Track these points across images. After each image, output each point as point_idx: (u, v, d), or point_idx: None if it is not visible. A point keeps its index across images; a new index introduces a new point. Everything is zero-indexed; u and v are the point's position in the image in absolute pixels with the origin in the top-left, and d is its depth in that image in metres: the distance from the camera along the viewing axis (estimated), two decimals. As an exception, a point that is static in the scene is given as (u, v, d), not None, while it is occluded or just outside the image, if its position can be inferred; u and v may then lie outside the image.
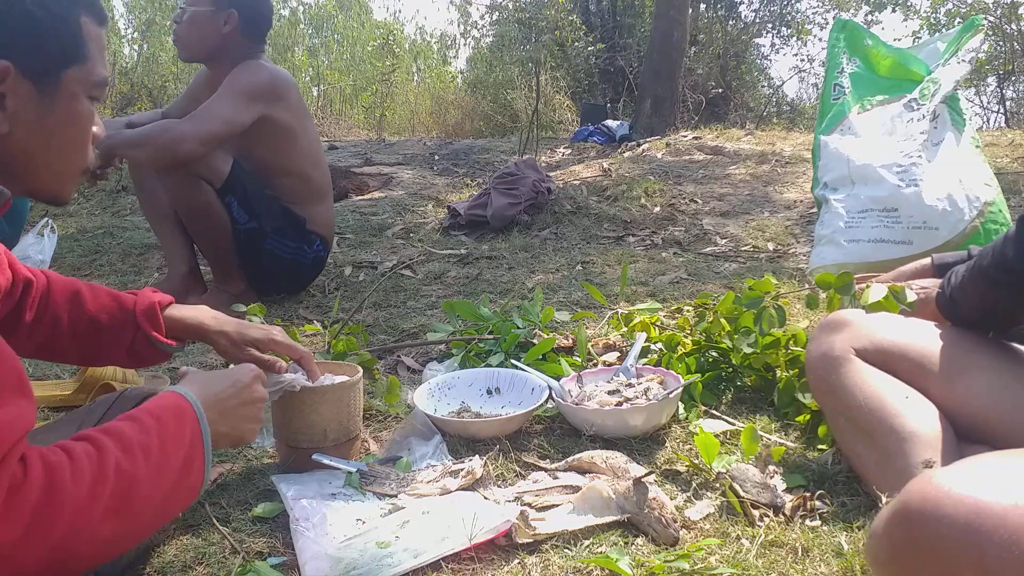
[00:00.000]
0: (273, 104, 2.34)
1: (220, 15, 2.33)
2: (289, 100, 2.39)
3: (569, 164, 5.22)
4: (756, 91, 10.61)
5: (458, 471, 1.30)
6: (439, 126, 9.04)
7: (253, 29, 2.40)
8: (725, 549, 1.09)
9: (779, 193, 4.16)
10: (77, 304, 1.18)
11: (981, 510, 0.68)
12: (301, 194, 2.48)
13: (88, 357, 1.25)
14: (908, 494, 0.74)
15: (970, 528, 0.68)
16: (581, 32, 9.07)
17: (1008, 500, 0.68)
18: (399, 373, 1.89)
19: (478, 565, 1.08)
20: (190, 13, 2.35)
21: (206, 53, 2.40)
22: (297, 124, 2.43)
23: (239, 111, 2.25)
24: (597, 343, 1.90)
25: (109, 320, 1.19)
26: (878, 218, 2.29)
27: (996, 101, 9.32)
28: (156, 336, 1.21)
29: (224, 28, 2.34)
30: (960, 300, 1.20)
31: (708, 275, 2.79)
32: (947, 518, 0.69)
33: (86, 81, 0.94)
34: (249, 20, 2.37)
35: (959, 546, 0.68)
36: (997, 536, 0.66)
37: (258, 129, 2.32)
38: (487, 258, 3.09)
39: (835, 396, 1.26)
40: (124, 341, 1.20)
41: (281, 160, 2.42)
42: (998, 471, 0.74)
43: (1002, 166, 4.20)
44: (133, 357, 1.23)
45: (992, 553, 0.66)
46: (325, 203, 2.58)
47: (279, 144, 2.40)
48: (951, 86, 2.42)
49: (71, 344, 1.19)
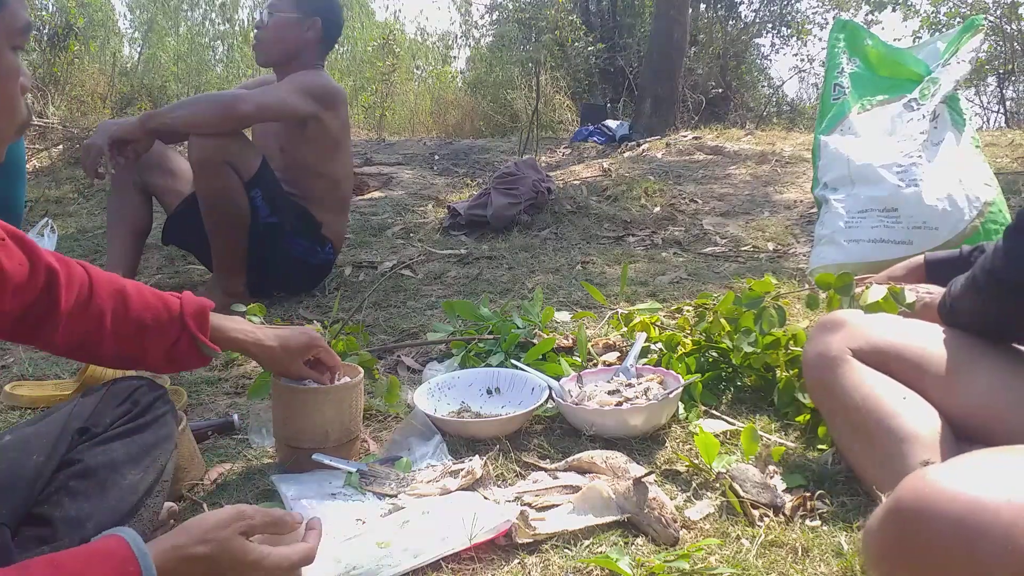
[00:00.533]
0: (327, 109, 2.44)
1: (305, 22, 2.45)
2: (340, 111, 2.51)
3: (569, 164, 5.22)
4: (756, 91, 10.61)
5: (458, 471, 1.30)
6: (439, 126, 9.04)
7: (330, 37, 2.54)
8: (725, 549, 1.09)
9: (779, 193, 4.16)
10: (123, 301, 1.11)
11: (974, 507, 0.68)
12: (327, 200, 2.56)
13: (124, 359, 1.17)
14: (902, 491, 0.74)
15: (963, 525, 0.68)
16: (581, 32, 9.08)
17: (1001, 497, 0.68)
18: (399, 373, 1.89)
19: (478, 565, 1.08)
20: (276, 18, 2.46)
21: (285, 58, 2.50)
22: (342, 135, 2.56)
23: (297, 99, 2.35)
24: (597, 343, 1.90)
25: (154, 320, 1.13)
26: (878, 218, 2.30)
27: (996, 101, 9.33)
28: (202, 339, 1.15)
29: (307, 34, 2.46)
30: (960, 310, 1.20)
31: (708, 275, 2.79)
32: (940, 515, 0.69)
33: (8, 30, 0.86)
34: (329, 28, 2.51)
35: (952, 543, 0.68)
36: (990, 533, 0.66)
37: (309, 128, 2.42)
38: (487, 258, 3.09)
39: (832, 397, 1.26)
40: (166, 343, 1.14)
41: (322, 163, 2.52)
42: (991, 468, 0.74)
43: (1002, 166, 4.20)
44: (171, 361, 1.17)
45: (985, 549, 0.66)
46: (343, 215, 2.69)
47: (324, 148, 2.50)
48: (951, 86, 2.42)
49: (112, 344, 1.11)
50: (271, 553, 0.87)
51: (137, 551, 0.77)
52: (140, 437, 1.07)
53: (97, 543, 0.79)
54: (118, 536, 0.79)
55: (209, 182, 2.28)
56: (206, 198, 2.31)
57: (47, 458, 0.99)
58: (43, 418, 1.07)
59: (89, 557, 0.77)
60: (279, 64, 2.53)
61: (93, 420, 1.06)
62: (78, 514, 0.95)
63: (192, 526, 0.85)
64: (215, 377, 1.90)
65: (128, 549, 0.77)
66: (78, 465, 0.99)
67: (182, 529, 0.84)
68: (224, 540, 0.84)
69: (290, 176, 2.49)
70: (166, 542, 0.82)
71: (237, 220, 2.33)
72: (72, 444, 1.02)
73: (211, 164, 2.24)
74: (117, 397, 1.10)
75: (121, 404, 1.10)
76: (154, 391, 1.15)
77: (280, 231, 2.42)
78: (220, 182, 2.26)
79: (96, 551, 0.78)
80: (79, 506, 0.96)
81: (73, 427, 1.03)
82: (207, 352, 1.18)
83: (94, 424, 1.05)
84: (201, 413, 1.70)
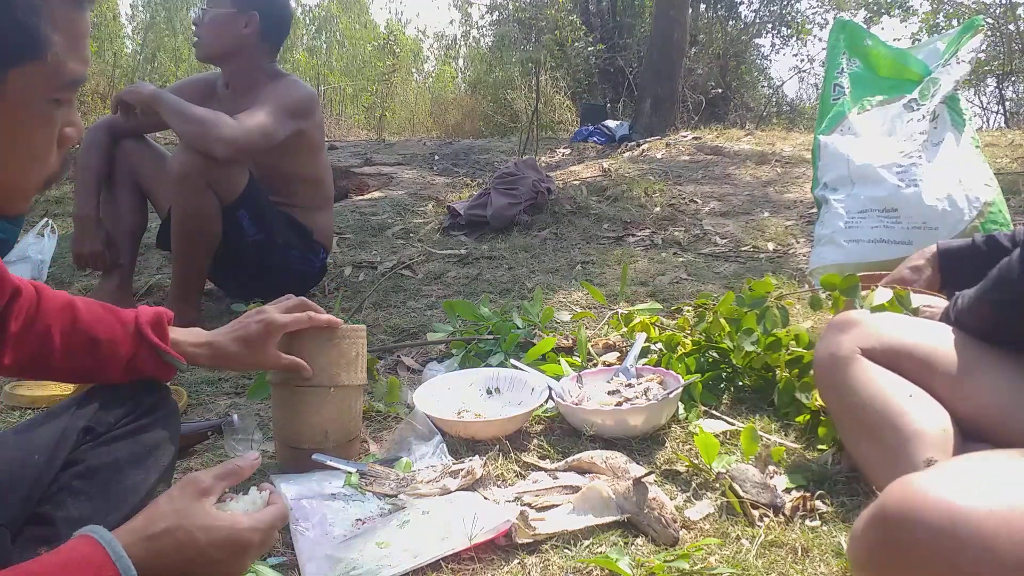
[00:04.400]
0: (306, 120, 2.40)
1: (241, 17, 2.37)
2: (316, 115, 2.47)
3: (569, 164, 5.22)
4: (756, 91, 10.61)
5: (458, 471, 1.30)
6: (439, 126, 9.04)
7: (272, 33, 2.45)
8: (725, 549, 1.09)
9: (779, 193, 4.16)
10: (71, 316, 1.07)
11: (957, 516, 0.68)
12: (313, 200, 2.54)
13: (81, 375, 1.13)
14: (887, 497, 0.74)
15: (944, 534, 0.68)
16: (581, 32, 9.08)
17: (983, 506, 0.68)
18: (399, 373, 1.89)
19: (478, 565, 1.08)
20: (211, 14, 2.39)
21: (223, 54, 2.42)
22: (320, 136, 2.51)
23: (279, 126, 2.28)
24: (597, 343, 1.90)
25: (107, 333, 1.08)
26: (878, 218, 2.30)
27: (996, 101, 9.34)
28: (163, 347, 1.09)
29: (244, 30, 2.37)
30: (966, 323, 1.19)
31: (708, 275, 2.79)
32: (923, 522, 0.69)
33: (47, 82, 0.76)
34: (269, 24, 2.41)
35: (934, 551, 0.68)
36: (972, 542, 0.66)
37: (291, 142, 2.36)
38: (487, 258, 3.09)
39: (841, 395, 1.26)
40: (122, 356, 1.09)
41: (305, 169, 2.49)
42: (977, 476, 0.74)
43: (1002, 166, 4.21)
44: (131, 373, 1.11)
45: (966, 559, 0.66)
46: (328, 209, 2.64)
47: (306, 156, 2.47)
48: (951, 86, 2.42)
49: (63, 361, 1.07)
50: (243, 517, 0.83)
51: (113, 554, 0.74)
52: (143, 438, 1.07)
53: (70, 548, 0.75)
54: (91, 538, 0.75)
55: (186, 199, 2.19)
56: (178, 215, 2.21)
57: (49, 458, 0.98)
58: (45, 418, 1.06)
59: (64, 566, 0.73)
60: (219, 60, 2.45)
61: (97, 419, 1.06)
62: (80, 514, 0.95)
63: (148, 509, 0.81)
64: (215, 377, 1.90)
65: (104, 554, 0.74)
66: (81, 465, 0.99)
67: (140, 515, 0.81)
68: (181, 510, 0.80)
69: (275, 185, 2.45)
70: (126, 532, 0.78)
71: (204, 244, 2.24)
72: (77, 443, 1.02)
73: (190, 182, 2.16)
74: (120, 397, 1.10)
75: (124, 404, 1.09)
76: (157, 392, 1.15)
77: (271, 246, 2.38)
78: (195, 202, 2.18)
79: (71, 561, 0.74)
80: (81, 506, 0.96)
81: (77, 426, 1.03)
82: (170, 361, 1.11)
83: (98, 423, 1.05)
84: (201, 413, 1.70)
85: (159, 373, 1.12)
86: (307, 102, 2.41)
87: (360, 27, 10.91)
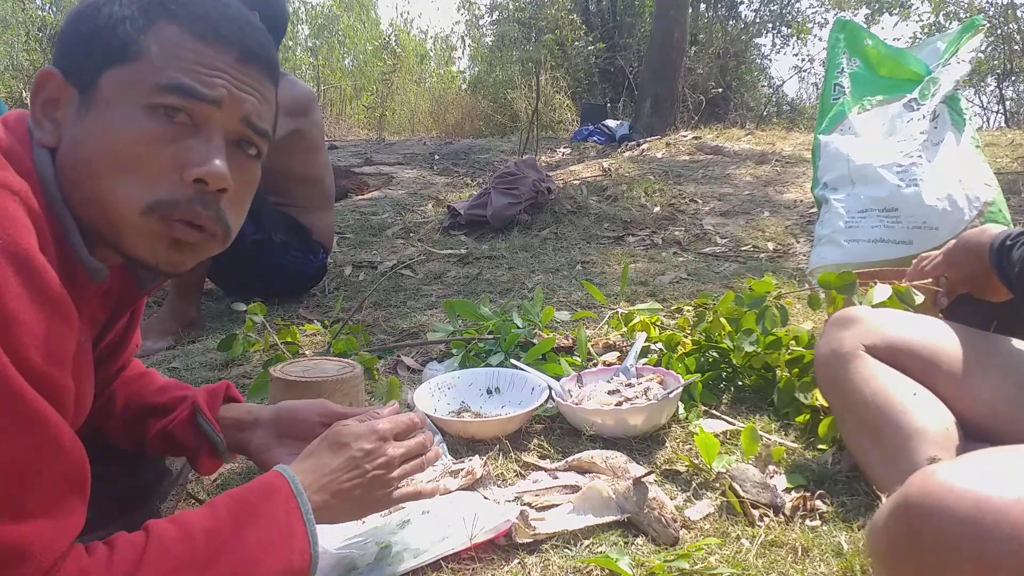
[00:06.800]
0: (305, 118, 2.41)
1: None
2: (315, 114, 2.48)
3: (569, 164, 5.22)
4: (756, 91, 10.62)
5: (458, 471, 1.30)
6: (439, 126, 9.04)
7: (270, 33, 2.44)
8: (725, 549, 1.09)
9: (779, 193, 4.16)
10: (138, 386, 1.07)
11: (982, 505, 0.68)
12: (314, 200, 2.55)
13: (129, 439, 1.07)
14: (910, 487, 0.74)
15: (971, 522, 0.68)
16: (581, 32, 9.09)
17: (1010, 495, 0.68)
18: (399, 373, 1.89)
19: (478, 565, 1.08)
20: None
21: None
22: (320, 135, 2.53)
23: None
24: (597, 343, 1.90)
25: (167, 399, 1.05)
26: (878, 218, 2.29)
27: (996, 101, 9.33)
28: (208, 416, 1.03)
29: None
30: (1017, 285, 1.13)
31: (708, 275, 2.79)
32: (948, 512, 0.69)
33: (140, 84, 0.74)
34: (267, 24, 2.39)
35: (960, 540, 0.68)
36: (998, 531, 0.66)
37: (289, 142, 2.37)
38: (487, 258, 3.09)
39: (843, 393, 1.25)
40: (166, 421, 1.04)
41: (306, 169, 2.50)
42: (1000, 466, 0.74)
43: (1002, 166, 4.21)
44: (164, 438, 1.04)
45: (993, 547, 0.66)
46: (329, 209, 2.65)
47: (307, 155, 2.48)
48: (951, 86, 2.42)
49: (119, 427, 1.05)
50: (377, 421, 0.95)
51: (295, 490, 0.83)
52: None
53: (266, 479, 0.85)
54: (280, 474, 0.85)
55: None
56: None
57: None
58: None
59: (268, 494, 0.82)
60: None
61: None
62: None
63: None
64: (215, 377, 1.90)
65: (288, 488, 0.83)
66: None
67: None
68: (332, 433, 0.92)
69: (275, 186, 2.45)
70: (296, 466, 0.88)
71: None
72: None
73: None
74: None
75: None
76: None
77: (270, 246, 2.38)
78: None
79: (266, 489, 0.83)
80: None
81: None
82: (212, 435, 1.03)
83: None
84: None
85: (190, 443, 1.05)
86: (304, 101, 2.42)
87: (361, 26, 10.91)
